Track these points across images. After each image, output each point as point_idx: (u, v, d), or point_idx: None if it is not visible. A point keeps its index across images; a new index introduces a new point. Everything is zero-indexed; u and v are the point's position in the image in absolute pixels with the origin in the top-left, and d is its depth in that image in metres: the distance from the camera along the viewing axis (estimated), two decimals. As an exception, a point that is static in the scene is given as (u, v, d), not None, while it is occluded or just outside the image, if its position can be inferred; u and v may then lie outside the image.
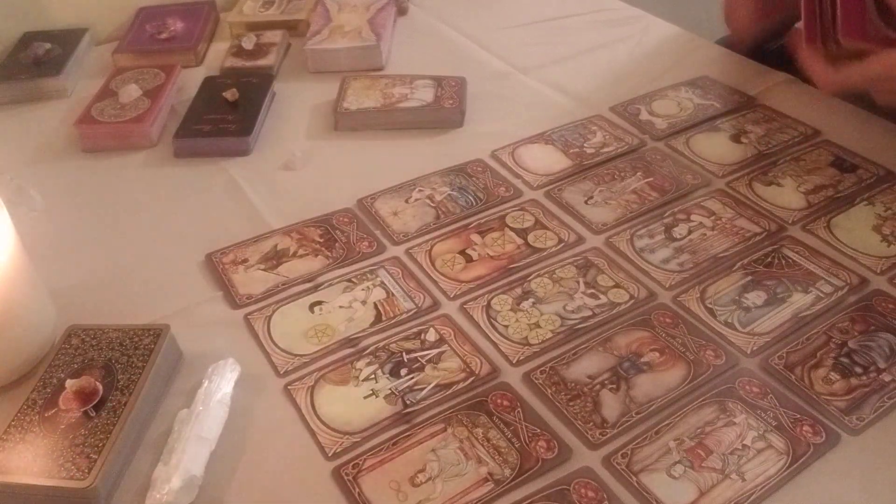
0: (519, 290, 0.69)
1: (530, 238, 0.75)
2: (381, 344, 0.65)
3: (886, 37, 0.72)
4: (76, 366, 0.61)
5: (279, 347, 0.65)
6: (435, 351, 0.64)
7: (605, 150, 0.86)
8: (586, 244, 0.74)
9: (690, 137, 0.87)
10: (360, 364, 0.63)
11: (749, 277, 0.69)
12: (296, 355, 0.64)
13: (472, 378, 0.62)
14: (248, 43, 1.05)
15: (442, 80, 0.96)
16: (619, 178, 0.82)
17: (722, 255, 0.72)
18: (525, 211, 0.78)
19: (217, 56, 1.07)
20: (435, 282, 0.70)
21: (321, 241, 0.75)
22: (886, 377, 0.60)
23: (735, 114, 0.90)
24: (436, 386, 0.61)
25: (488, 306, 0.68)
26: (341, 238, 0.75)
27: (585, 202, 0.79)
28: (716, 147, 0.85)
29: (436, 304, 0.68)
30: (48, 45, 1.04)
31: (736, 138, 0.87)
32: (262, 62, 1.03)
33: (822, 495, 0.53)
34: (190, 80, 1.00)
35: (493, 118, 0.93)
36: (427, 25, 1.14)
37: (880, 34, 0.73)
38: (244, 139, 0.88)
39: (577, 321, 0.66)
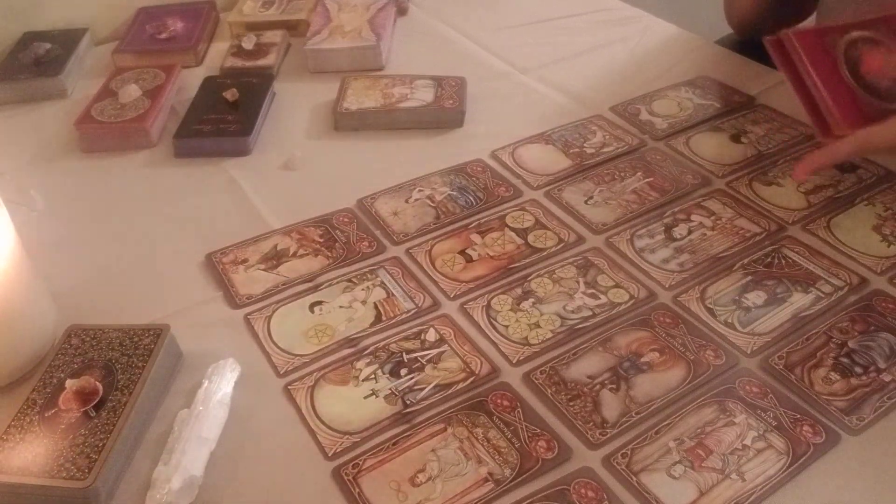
0: (519, 290, 0.69)
1: (530, 238, 0.75)
2: (381, 344, 0.65)
3: (885, 110, 0.73)
4: (76, 366, 0.61)
5: (279, 347, 0.65)
6: (435, 351, 0.64)
7: (605, 150, 0.86)
8: (586, 244, 0.74)
9: (690, 137, 0.87)
10: (360, 364, 0.63)
11: (749, 277, 0.69)
12: (296, 355, 0.64)
13: (472, 378, 0.62)
14: (248, 43, 1.05)
15: (442, 80, 0.96)
16: (619, 178, 0.82)
17: (722, 255, 0.72)
18: (525, 211, 0.78)
19: (217, 56, 1.07)
20: (435, 282, 0.70)
21: (321, 241, 0.75)
22: (886, 377, 0.60)
23: (735, 114, 0.90)
24: (436, 386, 0.61)
25: (488, 306, 0.68)
26: (341, 238, 0.75)
27: (585, 202, 0.79)
28: (716, 147, 0.85)
29: (436, 304, 0.68)
30: (48, 45, 1.04)
31: (736, 138, 0.87)
32: (262, 62, 1.03)
33: (822, 495, 0.53)
34: (190, 80, 1.00)
35: (493, 118, 0.93)
36: (427, 25, 1.14)
37: (877, 110, 0.74)
38: (244, 139, 0.88)
39: (577, 321, 0.66)
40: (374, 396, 0.60)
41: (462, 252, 0.73)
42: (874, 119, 0.72)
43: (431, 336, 0.65)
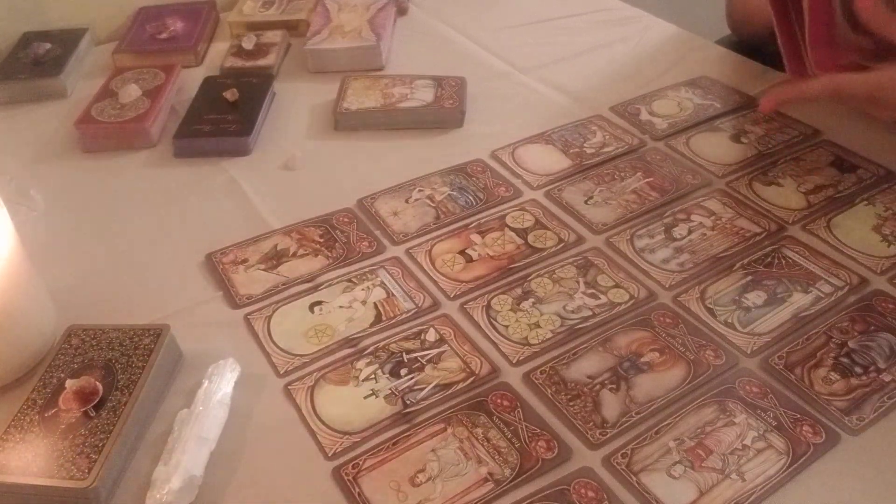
0: (519, 290, 0.69)
1: (530, 238, 0.75)
2: (381, 344, 0.65)
3: (862, 64, 0.73)
4: (76, 366, 0.61)
5: (279, 347, 0.65)
6: (435, 351, 0.64)
7: (605, 150, 0.86)
8: (586, 244, 0.74)
9: (690, 137, 0.87)
10: (360, 364, 0.63)
11: (749, 277, 0.69)
12: (296, 355, 0.64)
13: (472, 378, 0.62)
14: (248, 43, 1.05)
15: (442, 80, 0.96)
16: (619, 178, 0.82)
17: (722, 255, 0.72)
18: (525, 211, 0.78)
19: (217, 56, 1.07)
20: (435, 282, 0.70)
21: (321, 241, 0.75)
22: (886, 377, 0.60)
23: (735, 114, 0.90)
24: (436, 386, 0.61)
25: (488, 306, 0.68)
26: (341, 238, 0.75)
27: (585, 202, 0.79)
28: (716, 147, 0.85)
29: (436, 304, 0.68)
30: (48, 45, 1.04)
31: (736, 138, 0.87)
32: (262, 62, 1.03)
33: (822, 495, 0.53)
34: (190, 80, 1.00)
35: (493, 118, 0.93)
36: (427, 25, 1.14)
37: (854, 63, 0.73)
38: (244, 139, 0.88)
39: (577, 321, 0.66)
40: (374, 396, 0.60)
41: (462, 252, 0.73)
42: (849, 70, 0.72)
43: (431, 336, 0.65)
